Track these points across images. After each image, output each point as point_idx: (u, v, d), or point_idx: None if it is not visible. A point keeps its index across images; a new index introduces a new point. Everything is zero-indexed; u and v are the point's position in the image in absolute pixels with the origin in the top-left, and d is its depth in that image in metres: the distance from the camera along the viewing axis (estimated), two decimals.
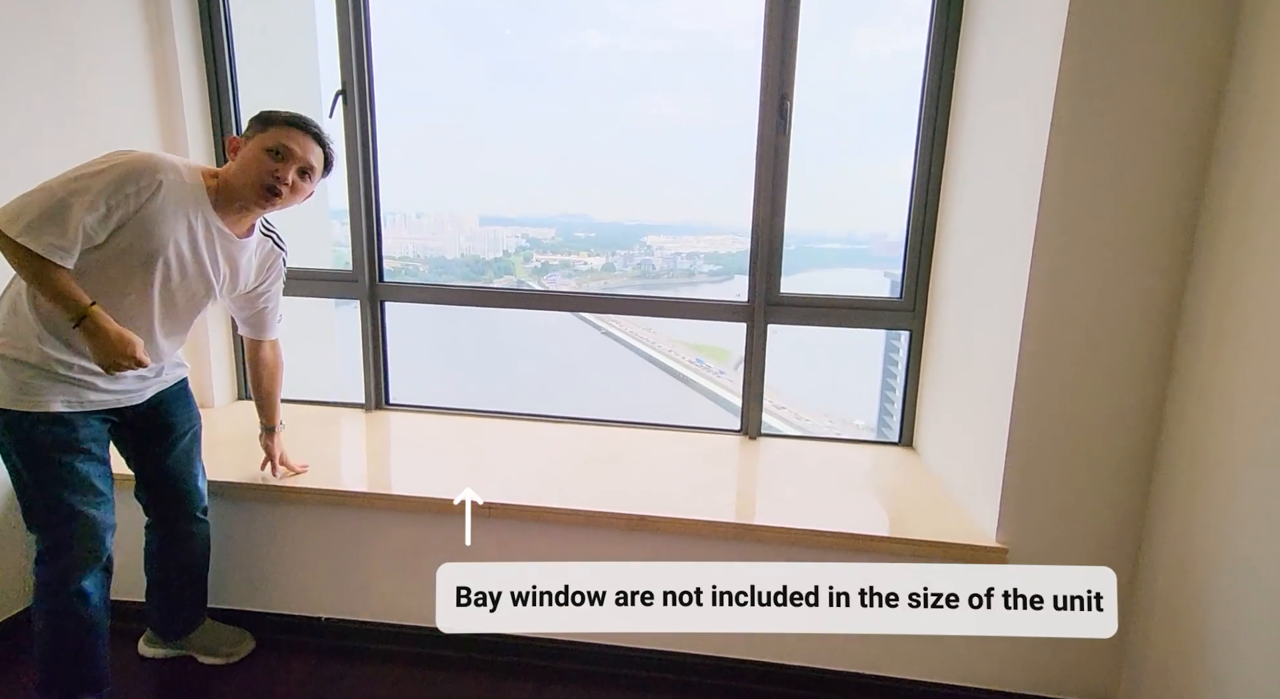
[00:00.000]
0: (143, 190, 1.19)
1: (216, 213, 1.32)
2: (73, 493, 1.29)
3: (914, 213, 1.97)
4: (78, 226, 1.14)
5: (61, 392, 1.26)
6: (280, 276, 1.55)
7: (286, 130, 1.30)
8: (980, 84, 1.69)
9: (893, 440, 2.15)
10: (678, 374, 5.42)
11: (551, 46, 5.88)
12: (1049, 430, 1.44)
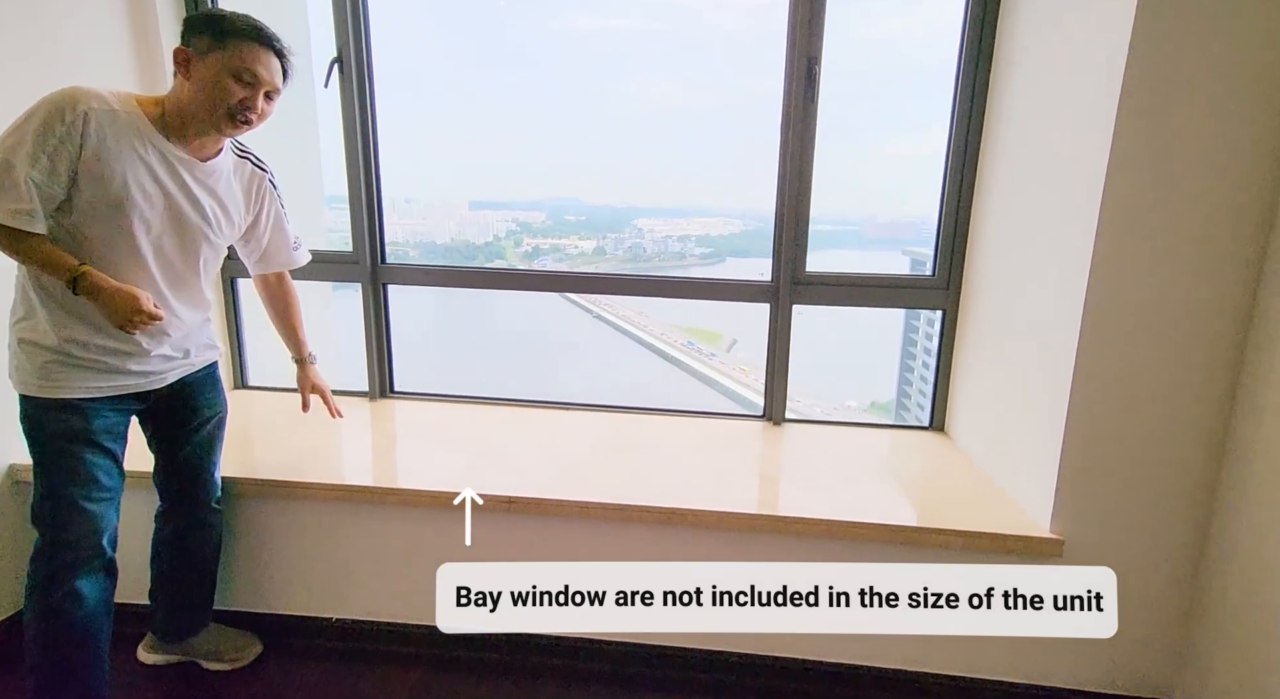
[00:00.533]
0: (71, 127, 1.09)
1: (171, 142, 1.20)
2: (74, 485, 1.22)
3: (948, 187, 1.86)
4: (28, 184, 1.08)
5: (81, 377, 1.21)
6: (274, 198, 1.43)
7: (252, 49, 1.17)
8: (1029, 50, 1.57)
9: (920, 424, 2.06)
10: (669, 357, 5.36)
11: (540, 27, 5.70)
12: (1110, 418, 1.35)
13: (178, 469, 1.43)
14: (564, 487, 1.57)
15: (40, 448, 1.23)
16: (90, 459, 1.23)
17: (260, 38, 1.18)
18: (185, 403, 1.39)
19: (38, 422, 1.22)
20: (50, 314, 1.18)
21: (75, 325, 1.19)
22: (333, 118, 1.95)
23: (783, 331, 2.00)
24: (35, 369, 1.19)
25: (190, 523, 1.47)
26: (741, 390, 5.02)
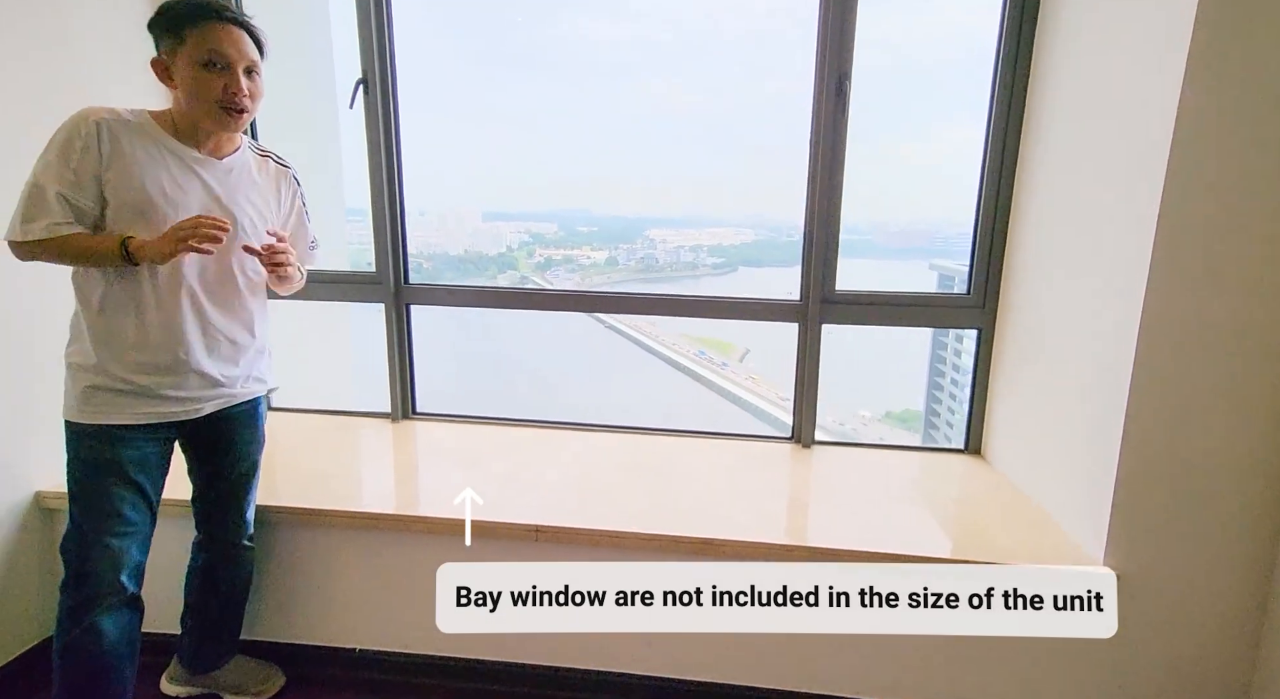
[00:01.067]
0: (88, 139, 1.11)
1: (186, 145, 1.21)
2: (98, 518, 1.21)
3: (984, 200, 1.81)
4: (59, 199, 1.11)
5: (119, 402, 1.21)
6: (298, 194, 1.41)
7: (208, 30, 1.13)
8: (1072, 53, 1.53)
9: (955, 446, 2.00)
10: (681, 367, 5.33)
11: (552, 39, 5.75)
12: (1168, 445, 1.29)
13: (211, 503, 1.42)
14: (591, 514, 1.52)
15: (73, 476, 1.22)
16: (117, 492, 1.22)
17: (208, 13, 1.14)
18: (223, 439, 1.37)
19: (74, 449, 1.22)
20: (93, 334, 1.19)
21: (115, 344, 1.19)
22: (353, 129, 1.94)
23: (812, 352, 1.95)
24: (77, 393, 1.20)
25: (221, 557, 1.45)
26: (756, 401, 4.96)
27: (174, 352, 1.23)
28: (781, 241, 4.73)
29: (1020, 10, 1.67)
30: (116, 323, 1.19)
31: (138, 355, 1.20)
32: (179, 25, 1.13)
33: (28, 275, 1.46)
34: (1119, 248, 1.32)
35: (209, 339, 1.27)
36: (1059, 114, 1.57)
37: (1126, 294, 1.28)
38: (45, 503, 1.58)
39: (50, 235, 1.11)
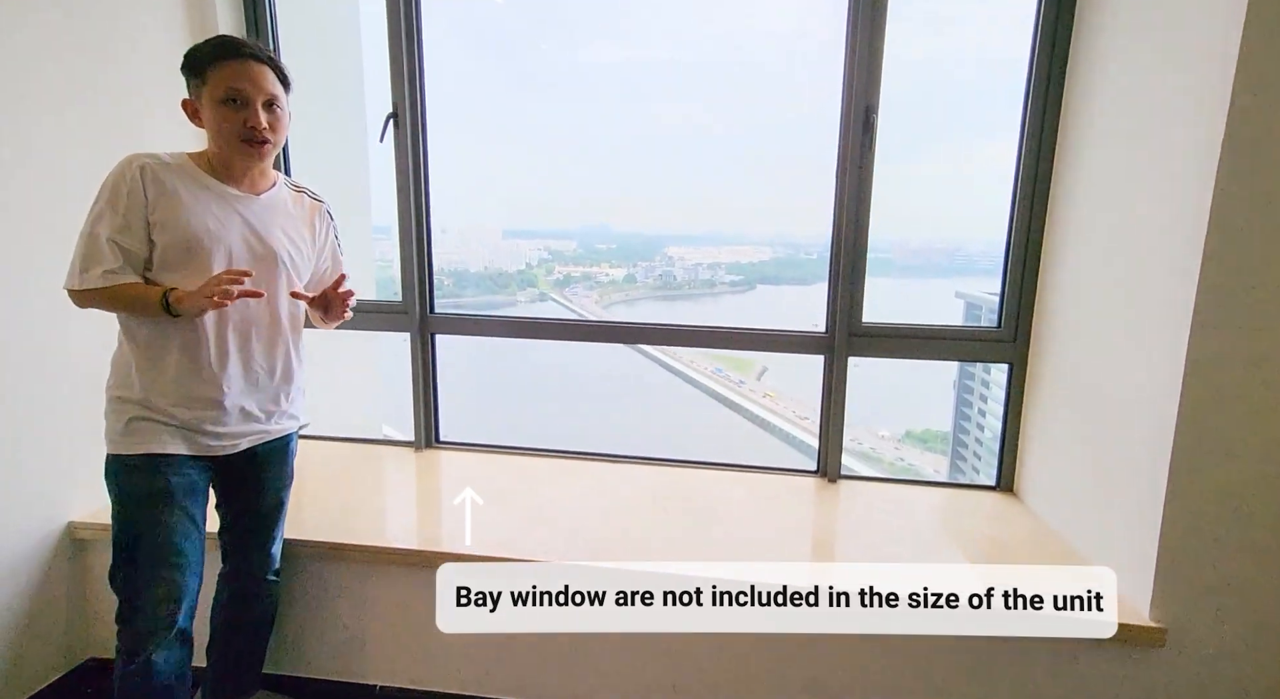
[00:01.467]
0: (133, 184, 1.15)
1: (225, 183, 1.24)
2: (153, 549, 1.21)
3: (1015, 231, 1.78)
4: (111, 245, 1.15)
5: (161, 433, 1.22)
6: (331, 228, 1.44)
7: (226, 68, 1.16)
8: (1110, 75, 1.50)
9: (986, 483, 1.95)
10: (698, 384, 5.32)
11: (571, 59, 5.82)
12: (1220, 491, 1.24)
13: (237, 537, 1.42)
14: (614, 555, 1.50)
15: (122, 508, 1.22)
16: (171, 523, 1.22)
17: (227, 52, 1.17)
18: (253, 474, 1.37)
19: (121, 482, 1.22)
20: (138, 368, 1.21)
21: (159, 379, 1.21)
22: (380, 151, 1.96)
23: (838, 385, 1.92)
24: (121, 425, 1.21)
25: (245, 591, 1.45)
26: (775, 420, 4.91)
27: (216, 388, 1.25)
28: (800, 259, 4.71)
29: (1053, 31, 1.65)
30: (160, 358, 1.21)
31: (180, 390, 1.22)
32: (201, 66, 1.17)
33: (61, 308, 1.49)
34: (1162, 280, 1.28)
35: (249, 375, 1.29)
36: (1095, 138, 1.53)
37: (1170, 329, 1.25)
38: (77, 533, 1.59)
39: (106, 283, 1.15)
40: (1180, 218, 1.23)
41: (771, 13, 2.14)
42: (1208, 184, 1.16)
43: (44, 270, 1.44)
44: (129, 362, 1.22)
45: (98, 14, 1.58)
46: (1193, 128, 1.21)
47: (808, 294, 4.36)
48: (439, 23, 1.93)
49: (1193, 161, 1.20)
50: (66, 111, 1.53)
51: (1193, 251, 1.19)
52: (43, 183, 1.50)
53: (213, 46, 1.18)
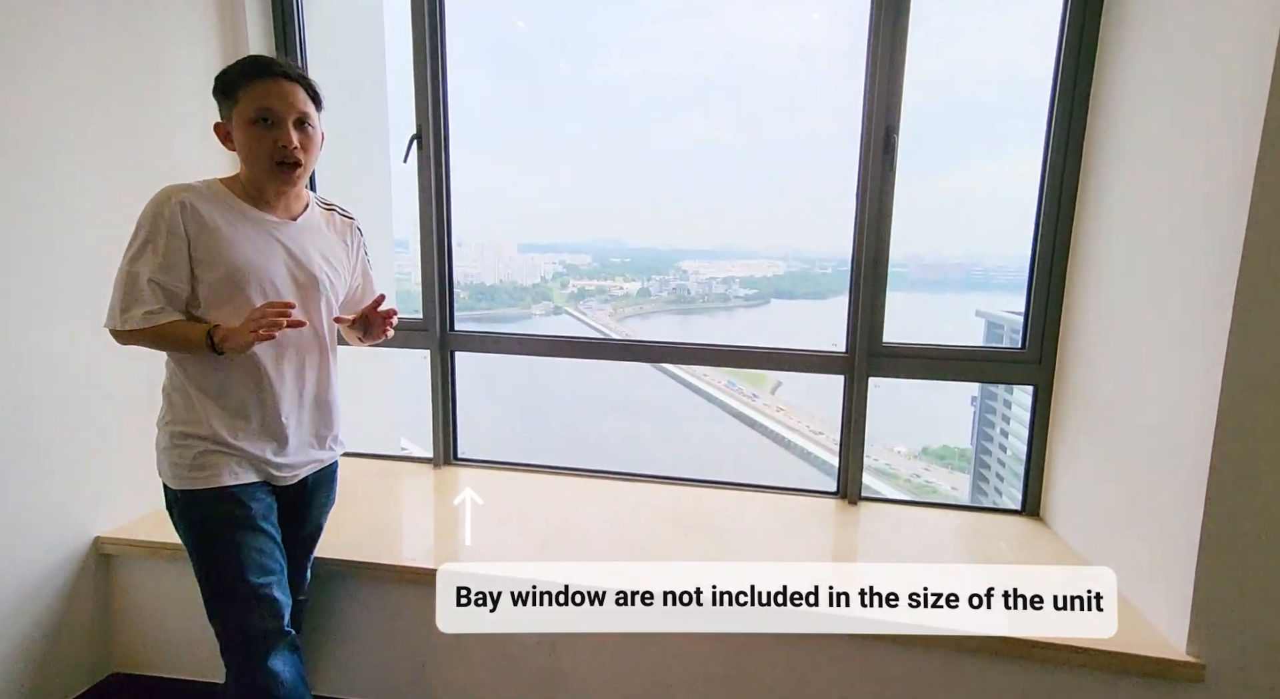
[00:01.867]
0: (172, 221, 1.13)
1: (260, 209, 1.22)
2: (252, 573, 1.22)
3: (1039, 250, 1.76)
4: (152, 286, 1.14)
5: (231, 464, 1.22)
6: (362, 246, 1.43)
7: (256, 87, 1.14)
8: (1139, 93, 1.48)
9: (1010, 507, 1.91)
10: (712, 398, 5.29)
11: (587, 75, 5.89)
12: (1261, 519, 1.20)
13: (289, 553, 1.38)
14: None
15: (206, 541, 1.22)
16: (258, 544, 1.22)
17: (257, 70, 1.15)
18: (303, 502, 1.37)
19: (200, 515, 1.21)
20: (201, 404, 1.20)
21: (221, 412, 1.21)
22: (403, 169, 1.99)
23: (859, 406, 1.90)
24: (190, 460, 1.20)
25: None
26: (788, 434, 4.87)
27: (278, 418, 1.25)
28: (814, 274, 4.69)
29: (1078, 47, 1.63)
30: (223, 392, 1.21)
31: (246, 424, 1.22)
32: (232, 87, 1.15)
33: (85, 324, 1.52)
34: (1195, 301, 1.26)
35: (304, 403, 1.29)
36: (1123, 155, 1.51)
37: (1204, 351, 1.22)
38: (104, 548, 1.61)
39: (147, 324, 1.14)
40: (1214, 237, 1.21)
41: (786, 28, 2.16)
42: (1243, 202, 1.14)
43: (67, 289, 1.49)
44: (189, 395, 1.21)
45: (130, 42, 1.63)
46: (1227, 144, 1.19)
47: (822, 308, 4.33)
48: (461, 44, 1.97)
49: (1227, 180, 1.18)
50: (97, 133, 1.57)
51: (1228, 272, 1.16)
52: (67, 205, 1.52)
53: (243, 66, 1.17)
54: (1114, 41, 1.56)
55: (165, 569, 1.62)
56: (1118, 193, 1.54)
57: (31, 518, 1.49)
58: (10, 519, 1.44)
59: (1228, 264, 1.17)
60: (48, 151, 1.46)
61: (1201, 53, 1.29)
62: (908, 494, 3.96)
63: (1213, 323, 1.20)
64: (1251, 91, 1.13)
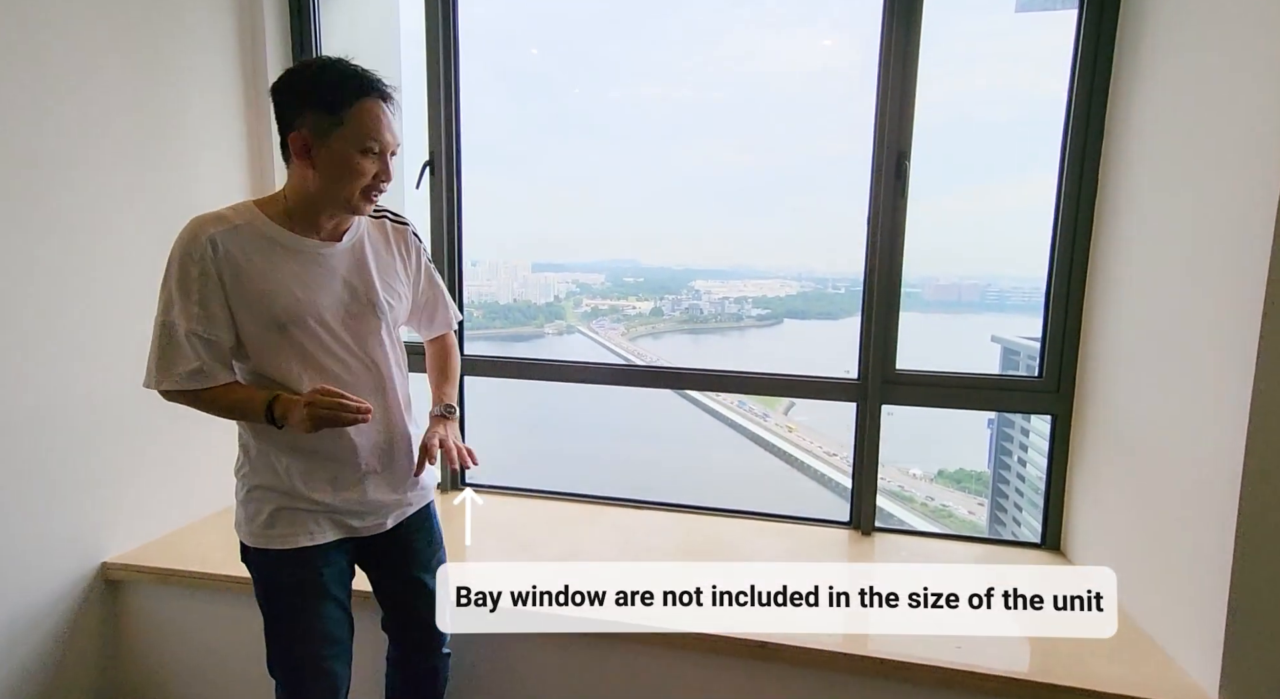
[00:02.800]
0: (204, 262, 1.02)
1: (301, 234, 1.09)
2: (314, 643, 1.17)
3: (1055, 276, 1.73)
4: (190, 340, 1.04)
5: (309, 522, 1.15)
6: (420, 251, 1.28)
7: (370, 112, 1.02)
8: (1154, 111, 1.45)
9: (1029, 540, 1.86)
10: (721, 417, 5.25)
11: (602, 99, 5.96)
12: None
13: (400, 614, 1.32)
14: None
15: (272, 603, 1.17)
16: (325, 613, 1.16)
17: (369, 89, 1.04)
18: (395, 551, 1.27)
19: (269, 576, 1.17)
20: (278, 458, 1.13)
21: (301, 468, 1.13)
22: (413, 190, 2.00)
23: (871, 433, 1.87)
24: (264, 518, 1.13)
25: (419, 671, 1.36)
26: (799, 454, 4.81)
27: (355, 464, 1.16)
28: (828, 294, 4.67)
29: (1093, 68, 1.61)
30: (296, 442, 1.11)
31: (324, 473, 1.14)
32: (338, 103, 1.01)
33: (92, 345, 1.53)
34: (1220, 327, 1.22)
35: (377, 445, 1.19)
36: (1142, 178, 1.48)
37: (1231, 379, 1.18)
38: (111, 574, 1.61)
39: (193, 386, 1.05)
40: (1238, 261, 1.17)
41: (799, 54, 2.18)
42: (1268, 225, 1.10)
43: (74, 316, 1.50)
44: (261, 447, 1.13)
45: (157, 68, 1.67)
46: (1249, 165, 1.16)
47: (836, 329, 4.29)
48: (474, 69, 1.99)
49: (1250, 202, 1.15)
50: (113, 162, 1.60)
51: (1253, 298, 1.13)
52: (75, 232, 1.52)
53: (356, 82, 1.02)
54: (1129, 65, 1.55)
55: (175, 596, 1.62)
56: (1135, 218, 1.51)
57: (38, 542, 1.48)
58: (16, 543, 1.44)
59: (1253, 289, 1.13)
60: (62, 178, 1.47)
61: (1220, 73, 1.27)
62: (924, 518, 3.87)
63: (1238, 351, 1.16)
64: (1274, 110, 1.10)
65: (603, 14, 5.20)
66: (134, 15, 1.59)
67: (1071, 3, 1.66)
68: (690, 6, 5.18)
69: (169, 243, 1.02)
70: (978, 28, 2.75)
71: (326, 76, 1.03)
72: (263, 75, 1.92)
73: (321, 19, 2.02)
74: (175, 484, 1.77)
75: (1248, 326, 1.14)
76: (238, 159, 1.91)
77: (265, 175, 1.97)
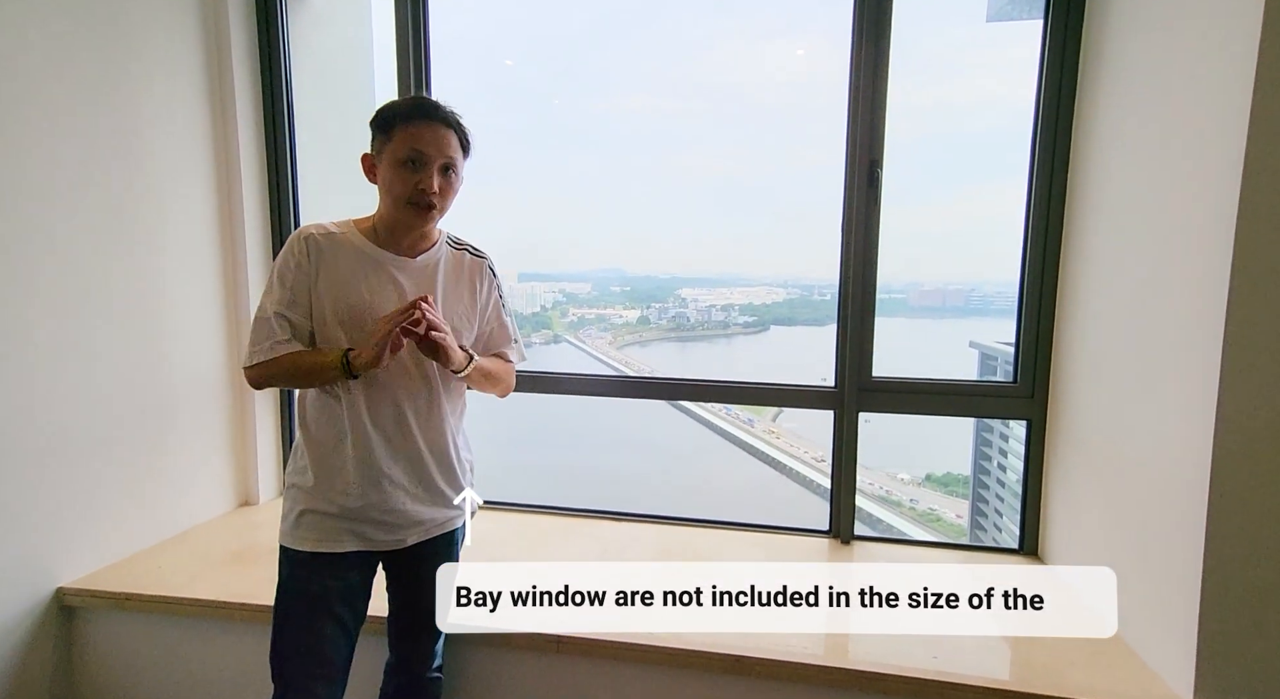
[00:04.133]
0: (301, 257, 1.16)
1: (385, 248, 1.21)
2: (302, 657, 1.17)
3: (1028, 281, 1.74)
4: (280, 320, 1.15)
5: (328, 526, 1.18)
6: (494, 285, 1.34)
7: (413, 129, 1.13)
8: (1117, 117, 1.47)
9: (1008, 547, 1.85)
10: (706, 422, 5.24)
11: (584, 109, 6.00)
12: (1262, 563, 1.15)
13: (403, 629, 1.33)
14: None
15: (280, 606, 1.19)
16: (321, 631, 1.17)
17: (420, 112, 1.15)
18: (416, 570, 1.28)
19: (286, 576, 1.19)
20: (310, 455, 1.18)
21: (327, 466, 1.18)
22: None
23: (849, 441, 1.86)
24: (293, 517, 1.19)
25: (409, 686, 1.35)
26: (784, 459, 4.80)
27: (377, 470, 1.19)
28: (814, 300, 4.69)
29: (1059, 76, 1.63)
30: (324, 441, 1.18)
31: (346, 475, 1.17)
32: (391, 124, 1.15)
33: (52, 366, 1.49)
34: (1185, 331, 1.23)
35: (407, 453, 1.21)
36: (1107, 183, 1.50)
37: (1197, 381, 1.18)
38: (67, 600, 1.55)
39: (273, 355, 1.13)
40: (1201, 266, 1.18)
41: (777, 63, 2.20)
42: (1228, 230, 1.11)
43: (30, 338, 1.46)
44: (303, 443, 1.20)
45: (120, 84, 1.64)
46: (1209, 172, 1.17)
47: (822, 335, 4.31)
48: (456, 81, 1.98)
49: (1211, 208, 1.16)
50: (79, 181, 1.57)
51: (1217, 301, 1.14)
52: (36, 248, 1.49)
53: (408, 105, 1.16)
54: (1093, 74, 1.57)
55: (134, 622, 1.57)
56: (1102, 224, 1.52)
57: None
58: None
59: (1216, 293, 1.14)
60: (15, 198, 1.44)
61: (1180, 83, 1.28)
62: (912, 522, 3.87)
63: (1203, 355, 1.16)
64: (1232, 120, 1.12)
65: (586, 27, 5.23)
66: (96, 31, 1.57)
67: (1038, 13, 1.68)
68: (671, 19, 5.23)
69: (129, 265, 1.05)
70: (951, 37, 2.79)
71: (391, 105, 1.18)
72: (229, 87, 1.90)
73: (290, 29, 2.00)
74: (134, 507, 1.72)
75: (1212, 331, 1.15)
76: (204, 174, 1.88)
77: (233, 193, 1.94)
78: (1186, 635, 1.20)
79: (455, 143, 1.18)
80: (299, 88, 2.03)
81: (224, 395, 1.97)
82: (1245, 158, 1.09)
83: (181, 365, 1.83)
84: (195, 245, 1.86)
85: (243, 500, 2.06)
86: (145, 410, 1.72)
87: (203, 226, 1.88)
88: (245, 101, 1.93)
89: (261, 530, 1.89)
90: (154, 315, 1.74)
